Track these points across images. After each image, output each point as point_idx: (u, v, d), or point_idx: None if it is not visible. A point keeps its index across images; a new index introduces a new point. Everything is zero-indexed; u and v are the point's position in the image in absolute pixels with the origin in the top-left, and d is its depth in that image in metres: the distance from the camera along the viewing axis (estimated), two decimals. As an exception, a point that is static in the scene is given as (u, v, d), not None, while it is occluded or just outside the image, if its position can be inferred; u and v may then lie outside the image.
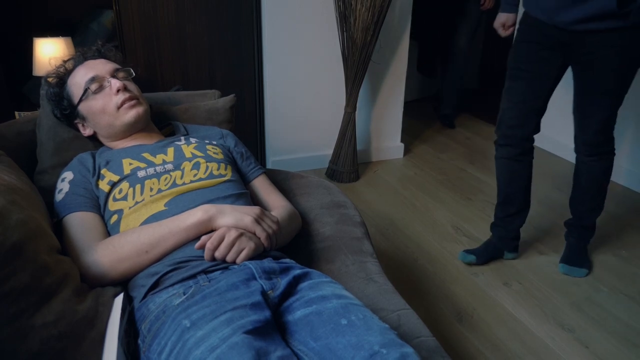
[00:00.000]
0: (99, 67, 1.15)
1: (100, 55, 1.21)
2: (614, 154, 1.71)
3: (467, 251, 1.91)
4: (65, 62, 1.20)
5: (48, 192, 1.08)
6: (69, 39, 2.40)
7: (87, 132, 1.19)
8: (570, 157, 2.57)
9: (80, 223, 0.99)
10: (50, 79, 1.20)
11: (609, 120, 1.62)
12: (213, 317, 0.77)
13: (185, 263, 0.92)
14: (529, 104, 1.66)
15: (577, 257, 1.88)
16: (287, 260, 0.99)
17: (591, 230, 1.88)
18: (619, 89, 1.55)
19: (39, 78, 2.28)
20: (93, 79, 1.12)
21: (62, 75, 1.18)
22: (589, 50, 1.51)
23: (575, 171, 1.80)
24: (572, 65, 1.61)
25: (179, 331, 0.78)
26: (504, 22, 1.79)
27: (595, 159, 1.71)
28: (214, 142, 1.22)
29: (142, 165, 1.08)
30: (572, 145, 1.74)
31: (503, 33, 1.82)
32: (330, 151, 2.67)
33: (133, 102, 1.13)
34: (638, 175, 2.59)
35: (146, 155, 1.11)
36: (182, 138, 1.20)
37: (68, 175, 1.07)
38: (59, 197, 1.04)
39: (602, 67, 1.51)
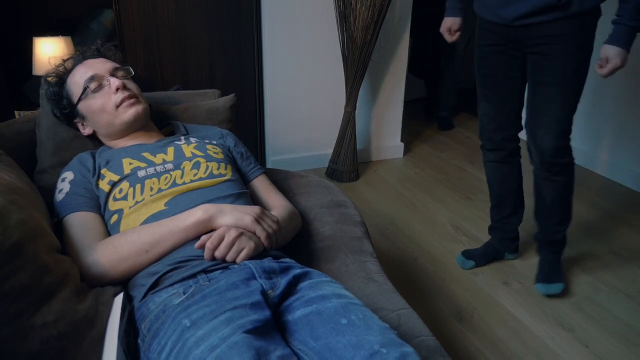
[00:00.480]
0: (98, 66, 1.15)
1: (99, 54, 1.21)
2: (574, 164, 1.62)
3: (466, 255, 1.89)
4: (64, 61, 1.20)
5: (48, 191, 1.08)
6: (68, 39, 2.40)
7: (86, 131, 1.19)
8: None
9: (80, 223, 0.99)
10: (49, 78, 1.20)
11: (566, 122, 1.51)
12: (213, 317, 0.77)
13: (185, 262, 0.92)
14: (503, 107, 1.64)
15: (553, 272, 1.76)
16: (287, 259, 0.99)
17: (562, 241, 1.75)
18: (575, 79, 1.47)
19: (38, 77, 2.28)
20: (92, 78, 1.12)
21: (62, 75, 1.18)
22: (539, 42, 1.47)
23: (535, 187, 1.69)
24: (528, 61, 1.54)
25: (179, 330, 0.78)
26: (449, 26, 1.73)
27: (557, 170, 1.59)
28: (214, 142, 1.22)
29: (142, 164, 1.08)
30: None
31: (450, 38, 1.75)
32: (330, 150, 2.67)
33: (132, 100, 1.13)
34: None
35: (146, 154, 1.11)
36: (182, 138, 1.20)
37: (68, 175, 1.07)
38: (59, 197, 1.04)
39: (555, 55, 1.46)
